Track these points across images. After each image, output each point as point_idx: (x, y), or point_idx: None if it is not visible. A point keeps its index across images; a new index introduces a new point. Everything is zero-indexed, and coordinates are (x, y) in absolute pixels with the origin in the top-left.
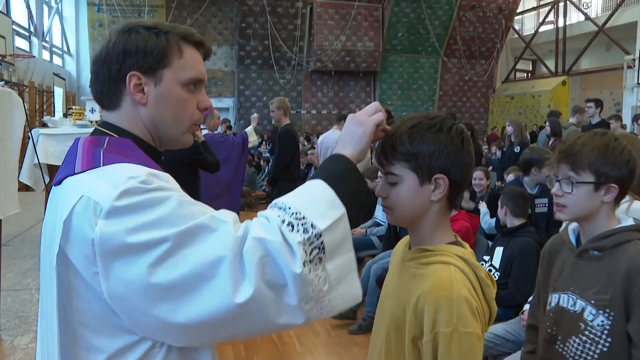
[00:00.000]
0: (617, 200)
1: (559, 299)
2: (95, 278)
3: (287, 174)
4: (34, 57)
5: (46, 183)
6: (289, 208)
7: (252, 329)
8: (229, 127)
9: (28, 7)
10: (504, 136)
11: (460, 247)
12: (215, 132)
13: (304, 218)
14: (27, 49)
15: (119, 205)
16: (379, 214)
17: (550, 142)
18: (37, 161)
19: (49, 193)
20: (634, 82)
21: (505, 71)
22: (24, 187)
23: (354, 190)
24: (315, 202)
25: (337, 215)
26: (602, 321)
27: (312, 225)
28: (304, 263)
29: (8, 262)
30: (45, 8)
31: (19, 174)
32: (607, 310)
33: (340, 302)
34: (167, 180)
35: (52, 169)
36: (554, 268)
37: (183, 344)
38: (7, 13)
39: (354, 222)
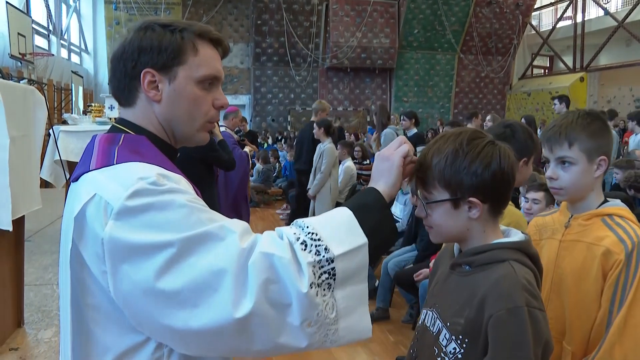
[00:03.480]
0: (494, 213)
1: (425, 316)
2: (104, 276)
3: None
4: (53, 55)
5: (67, 180)
6: (307, 227)
7: (251, 346)
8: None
9: (47, 6)
10: None
11: None
12: (234, 129)
13: (319, 240)
14: (46, 47)
15: (128, 207)
16: (397, 210)
17: None
18: (57, 158)
19: (68, 189)
20: None
21: (522, 68)
22: (44, 184)
23: (379, 224)
24: (335, 226)
25: (356, 244)
26: (455, 349)
27: (325, 249)
28: (311, 285)
29: (29, 257)
30: (64, 7)
31: (40, 170)
32: (460, 337)
33: (348, 334)
34: (178, 181)
35: (72, 166)
36: (433, 280)
37: (183, 351)
38: (27, 12)
39: (373, 256)
